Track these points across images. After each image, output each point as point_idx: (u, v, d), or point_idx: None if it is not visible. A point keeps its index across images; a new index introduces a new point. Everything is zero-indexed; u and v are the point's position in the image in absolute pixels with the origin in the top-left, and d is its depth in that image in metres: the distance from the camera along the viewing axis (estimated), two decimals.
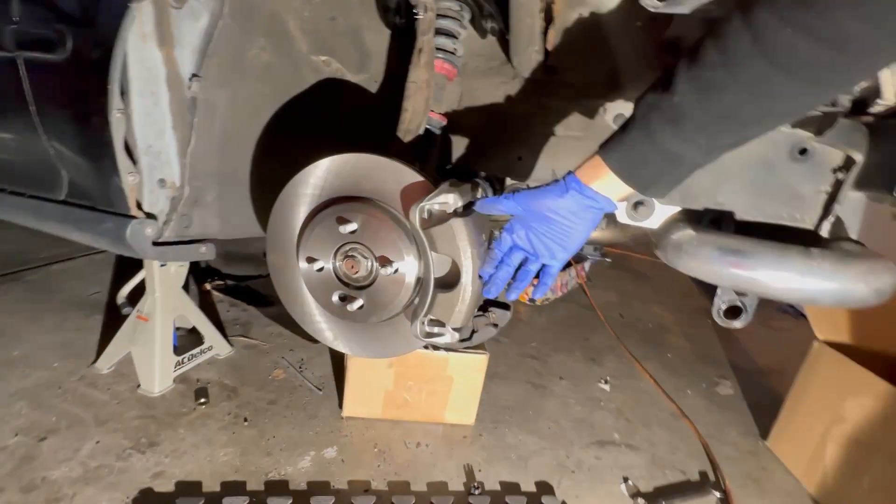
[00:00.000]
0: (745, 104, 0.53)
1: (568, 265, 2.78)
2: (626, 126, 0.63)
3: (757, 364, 2.17)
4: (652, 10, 0.63)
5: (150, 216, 1.00)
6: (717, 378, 1.94)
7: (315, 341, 0.97)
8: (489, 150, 1.26)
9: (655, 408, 1.67)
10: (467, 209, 0.82)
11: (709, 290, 1.00)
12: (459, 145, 1.28)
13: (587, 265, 2.97)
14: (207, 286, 2.03)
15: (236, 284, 2.12)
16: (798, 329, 2.54)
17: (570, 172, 0.69)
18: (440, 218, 0.79)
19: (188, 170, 1.00)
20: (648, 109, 0.59)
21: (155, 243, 1.01)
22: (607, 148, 0.65)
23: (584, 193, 0.67)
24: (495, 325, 1.31)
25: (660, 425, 1.56)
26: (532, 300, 2.48)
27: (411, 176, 0.82)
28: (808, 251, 0.81)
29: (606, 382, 1.77)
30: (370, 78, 1.28)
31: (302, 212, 0.90)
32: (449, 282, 0.82)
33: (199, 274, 2.15)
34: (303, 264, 0.89)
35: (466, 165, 1.27)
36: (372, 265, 0.84)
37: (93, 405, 1.26)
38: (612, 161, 0.64)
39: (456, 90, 1.20)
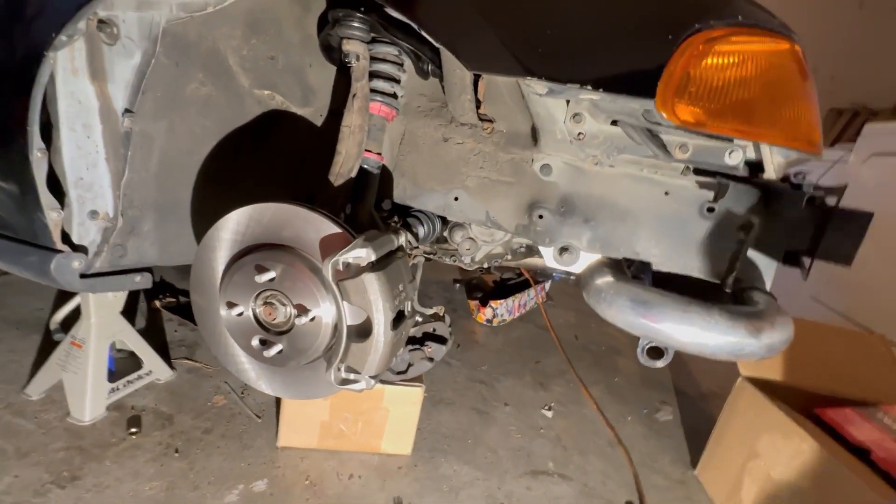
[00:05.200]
0: None
1: (528, 285, 2.83)
2: None
3: (700, 389, 2.26)
4: (537, 96, 0.66)
5: (79, 248, 0.99)
6: (659, 403, 2.01)
7: None
8: (428, 188, 1.29)
9: (594, 435, 1.72)
10: (383, 261, 0.84)
11: None
12: (400, 183, 1.31)
13: (548, 285, 3.02)
14: (157, 304, 2.00)
15: (188, 301, 2.09)
16: None
17: None
18: (356, 270, 0.81)
19: (122, 200, 0.99)
20: None
21: (85, 275, 1.01)
22: None
23: None
24: (431, 360, 1.33)
25: (596, 453, 1.61)
26: (489, 321, 2.52)
27: (330, 227, 0.84)
28: (709, 307, 0.86)
29: (550, 409, 1.81)
30: (315, 111, 1.30)
31: (223, 256, 0.91)
32: (365, 330, 0.84)
33: (151, 289, 2.11)
34: (223, 308, 0.90)
35: (406, 203, 1.29)
36: (290, 312, 0.86)
37: (16, 436, 1.23)
38: None
39: (399, 128, 1.23)
